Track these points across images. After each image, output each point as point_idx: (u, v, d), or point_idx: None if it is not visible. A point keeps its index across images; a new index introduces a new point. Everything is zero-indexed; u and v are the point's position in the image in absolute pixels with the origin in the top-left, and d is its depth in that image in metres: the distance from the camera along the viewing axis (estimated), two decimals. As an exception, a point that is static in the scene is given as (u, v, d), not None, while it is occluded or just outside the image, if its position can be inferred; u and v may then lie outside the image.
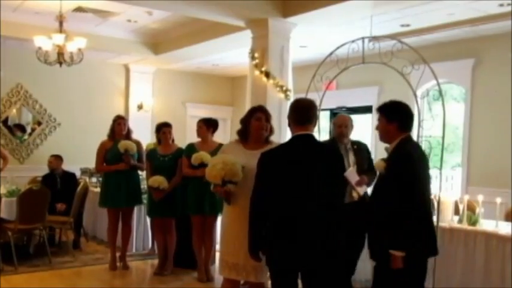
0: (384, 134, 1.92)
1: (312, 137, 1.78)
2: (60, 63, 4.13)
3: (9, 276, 3.27)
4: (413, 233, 1.77)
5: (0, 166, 4.21)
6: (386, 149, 1.93)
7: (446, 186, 4.73)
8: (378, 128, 1.96)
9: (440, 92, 2.52)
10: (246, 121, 2.05)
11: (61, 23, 3.98)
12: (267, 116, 2.07)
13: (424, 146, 2.46)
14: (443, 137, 2.48)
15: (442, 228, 2.62)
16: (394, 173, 1.83)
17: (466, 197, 2.78)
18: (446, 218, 2.72)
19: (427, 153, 2.40)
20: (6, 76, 5.49)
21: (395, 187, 1.79)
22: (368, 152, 2.83)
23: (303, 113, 1.78)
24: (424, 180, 1.87)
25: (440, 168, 2.56)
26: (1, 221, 3.46)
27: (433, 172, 4.78)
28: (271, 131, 2.08)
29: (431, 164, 2.48)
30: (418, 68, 2.42)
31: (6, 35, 4.64)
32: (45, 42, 4.03)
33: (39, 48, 4.03)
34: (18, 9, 4.40)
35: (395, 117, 1.88)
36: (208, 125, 3.17)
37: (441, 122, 2.54)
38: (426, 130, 2.46)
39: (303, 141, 1.76)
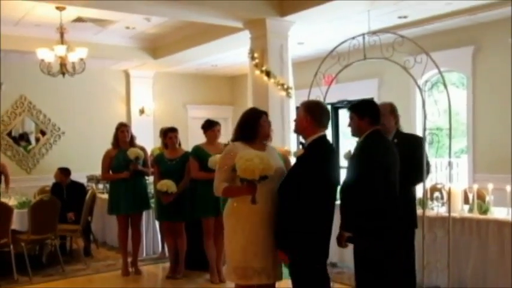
0: (357, 129, 2.12)
1: None
2: (63, 74, 4.17)
3: (24, 286, 3.33)
4: (364, 215, 1.93)
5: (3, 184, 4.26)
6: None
7: (452, 174, 4.71)
8: (350, 125, 2.14)
9: (444, 83, 2.52)
10: (254, 123, 2.07)
11: (62, 35, 4.03)
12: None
13: (429, 139, 2.47)
14: (450, 129, 2.48)
15: (452, 219, 2.61)
16: (357, 158, 2.01)
17: (475, 186, 2.77)
18: (456, 208, 2.71)
19: (433, 146, 2.42)
20: (10, 88, 5.57)
21: (358, 171, 1.97)
22: (415, 148, 2.35)
23: (329, 117, 2.00)
24: (387, 168, 2.02)
25: (449, 159, 2.56)
26: (14, 232, 3.51)
27: (439, 161, 4.72)
28: None
29: (437, 152, 2.51)
30: (420, 61, 2.43)
31: (9, 48, 4.69)
32: (48, 54, 4.07)
33: (42, 60, 4.08)
34: (20, 22, 4.45)
35: (367, 113, 2.09)
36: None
37: (442, 109, 2.54)
38: (432, 122, 2.46)
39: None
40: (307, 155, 1.90)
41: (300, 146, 2.01)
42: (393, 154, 2.07)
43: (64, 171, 4.23)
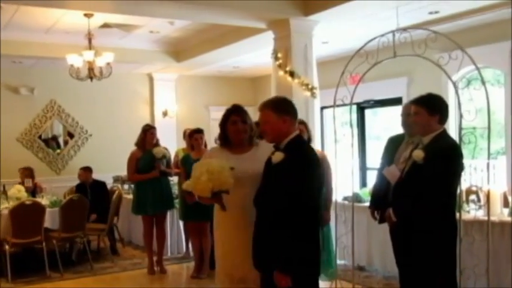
0: (424, 126, 1.92)
1: None
2: (91, 78, 4.32)
3: (56, 282, 3.46)
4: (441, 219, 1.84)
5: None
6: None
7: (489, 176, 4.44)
8: (415, 120, 1.94)
9: (482, 80, 2.38)
10: (222, 126, 1.83)
11: (90, 40, 4.17)
12: (243, 117, 1.82)
13: (466, 138, 2.34)
14: (488, 128, 2.34)
15: (491, 223, 2.46)
16: (442, 165, 1.83)
17: (516, 189, 2.62)
18: (495, 212, 2.58)
19: (467, 147, 2.31)
20: (41, 93, 5.84)
21: (440, 178, 1.82)
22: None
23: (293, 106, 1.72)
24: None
25: (488, 160, 2.41)
26: (46, 230, 3.65)
27: (474, 162, 4.48)
28: (254, 131, 1.85)
29: (472, 154, 2.38)
30: (456, 57, 2.30)
31: (40, 55, 4.94)
32: (77, 60, 4.23)
33: (72, 65, 4.24)
34: (50, 30, 4.64)
35: (438, 110, 1.90)
36: None
37: (477, 108, 2.40)
38: (468, 122, 2.33)
39: None
40: (289, 160, 1.56)
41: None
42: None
43: (87, 169, 4.37)
